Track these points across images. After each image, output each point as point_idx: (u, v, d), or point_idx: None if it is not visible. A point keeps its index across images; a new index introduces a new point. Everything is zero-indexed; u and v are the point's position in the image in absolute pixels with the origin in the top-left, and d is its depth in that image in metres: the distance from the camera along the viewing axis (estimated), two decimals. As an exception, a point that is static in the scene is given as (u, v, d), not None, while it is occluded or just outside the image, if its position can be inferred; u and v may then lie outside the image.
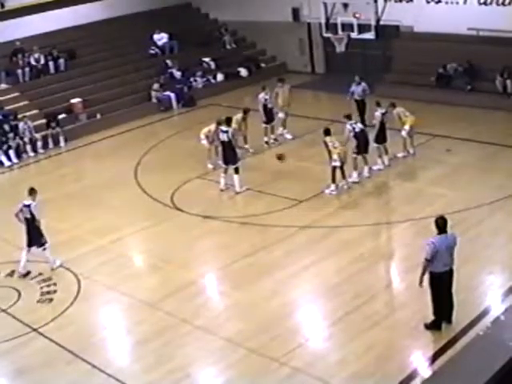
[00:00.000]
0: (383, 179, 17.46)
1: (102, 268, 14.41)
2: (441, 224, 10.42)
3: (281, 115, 20.73)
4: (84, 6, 26.79)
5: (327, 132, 16.57)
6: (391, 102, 18.20)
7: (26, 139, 22.07)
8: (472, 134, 19.37)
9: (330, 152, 16.32)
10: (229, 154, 17.11)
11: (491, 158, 17.89)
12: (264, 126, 20.32)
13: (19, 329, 12.14)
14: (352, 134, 16.83)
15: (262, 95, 20.25)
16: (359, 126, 16.99)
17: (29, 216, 13.81)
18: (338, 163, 16.31)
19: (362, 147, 16.91)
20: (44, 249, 14.05)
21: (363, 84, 20.82)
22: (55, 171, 20.89)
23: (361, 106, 20.89)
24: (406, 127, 18.00)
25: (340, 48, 22.29)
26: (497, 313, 10.29)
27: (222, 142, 17.24)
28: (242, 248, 14.36)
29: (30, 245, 14.00)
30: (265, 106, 20.20)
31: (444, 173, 17.23)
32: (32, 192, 13.98)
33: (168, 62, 27.03)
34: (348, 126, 16.86)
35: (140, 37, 27.93)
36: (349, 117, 17.11)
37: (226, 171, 17.33)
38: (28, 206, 13.82)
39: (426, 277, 10.60)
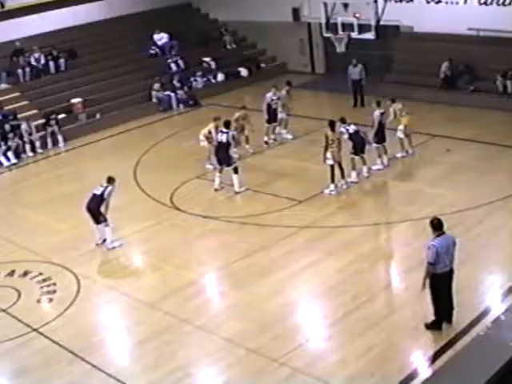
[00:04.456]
0: (382, 179, 17.45)
1: (102, 268, 14.43)
2: (436, 224, 10.39)
3: (281, 116, 20.67)
4: (84, 6, 26.79)
5: (332, 125, 16.48)
6: (391, 98, 18.25)
7: (26, 139, 22.06)
8: (472, 134, 19.36)
9: (326, 148, 16.28)
10: (222, 155, 17.15)
11: (491, 158, 17.88)
12: (266, 125, 20.32)
13: (19, 329, 12.13)
14: (346, 136, 16.84)
15: (269, 94, 20.23)
16: (352, 127, 16.96)
17: (98, 193, 14.61)
18: (330, 161, 16.33)
19: (358, 148, 16.93)
20: (106, 225, 14.74)
21: (360, 66, 23.05)
22: (54, 171, 20.89)
23: (358, 86, 23.15)
24: (401, 127, 18.03)
25: (340, 48, 22.31)
26: (497, 313, 10.27)
27: (219, 142, 17.26)
28: (242, 248, 14.36)
29: (97, 222, 14.80)
30: (269, 106, 20.20)
31: (444, 173, 17.22)
32: (110, 179, 14.72)
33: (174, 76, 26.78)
34: (341, 129, 16.83)
35: (140, 37, 27.95)
36: (343, 120, 17.01)
37: (221, 171, 17.35)
38: (106, 187, 14.65)
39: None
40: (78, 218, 15.74)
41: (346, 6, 21.82)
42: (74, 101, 24.27)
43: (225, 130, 17.24)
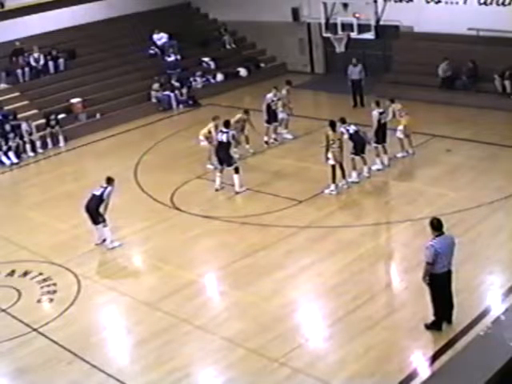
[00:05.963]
0: (383, 179, 17.45)
1: (102, 268, 14.44)
2: (436, 224, 10.39)
3: (282, 116, 20.66)
4: (84, 6, 26.81)
5: (333, 125, 16.48)
6: (390, 98, 18.26)
7: (26, 139, 22.06)
8: (472, 134, 19.37)
9: (327, 148, 16.29)
10: (223, 155, 17.16)
11: (491, 158, 17.88)
12: (266, 125, 20.32)
13: (19, 329, 12.13)
14: (347, 136, 16.82)
15: (269, 95, 20.22)
16: (353, 127, 16.94)
17: (98, 194, 14.65)
18: (332, 162, 16.33)
19: (358, 148, 16.92)
20: (105, 225, 14.79)
21: (360, 65, 23.14)
22: (55, 171, 20.89)
23: (357, 86, 23.24)
24: (400, 127, 18.03)
25: (340, 48, 22.28)
26: (497, 313, 10.28)
27: (220, 142, 17.26)
28: (242, 248, 14.36)
29: (95, 222, 14.86)
30: (268, 107, 20.20)
31: (444, 173, 17.22)
32: (109, 180, 14.75)
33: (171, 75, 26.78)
34: (341, 129, 16.80)
35: (140, 37, 27.95)
36: (343, 120, 16.97)
37: (221, 171, 17.36)
38: (105, 188, 14.67)
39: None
40: (78, 217, 15.74)
41: (345, 5, 21.78)
42: (73, 101, 24.28)
43: (225, 129, 17.24)
